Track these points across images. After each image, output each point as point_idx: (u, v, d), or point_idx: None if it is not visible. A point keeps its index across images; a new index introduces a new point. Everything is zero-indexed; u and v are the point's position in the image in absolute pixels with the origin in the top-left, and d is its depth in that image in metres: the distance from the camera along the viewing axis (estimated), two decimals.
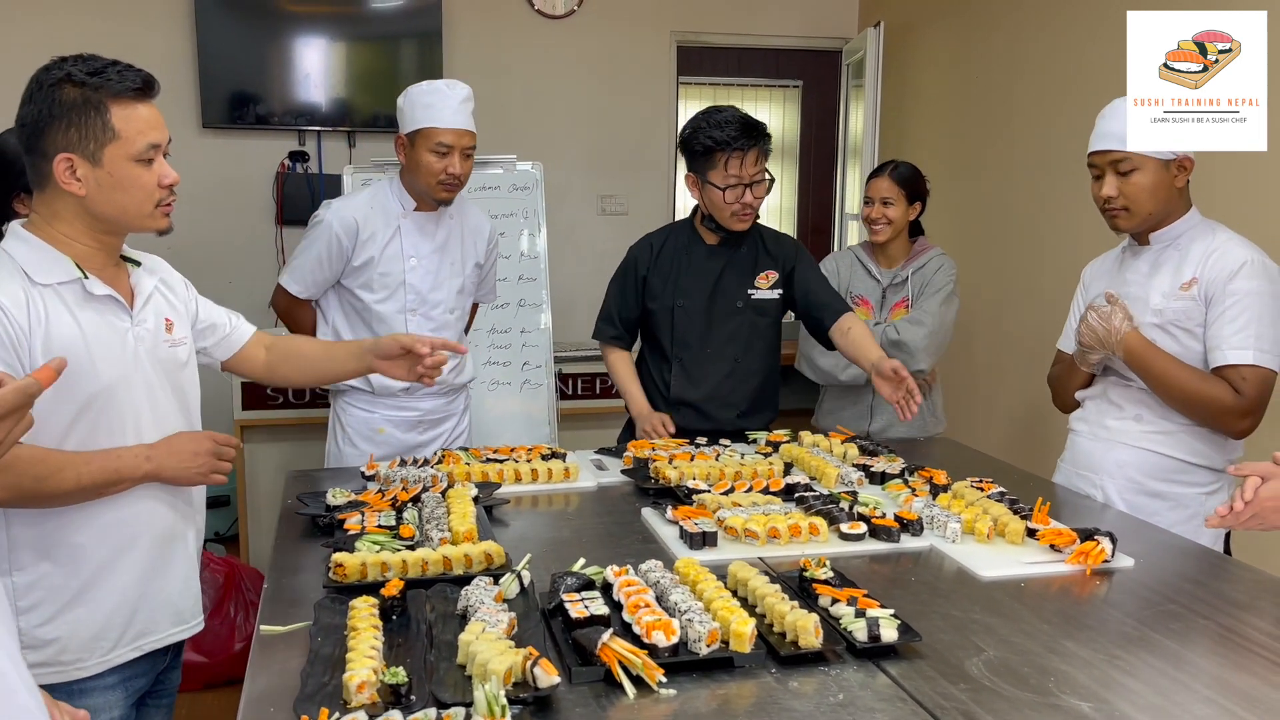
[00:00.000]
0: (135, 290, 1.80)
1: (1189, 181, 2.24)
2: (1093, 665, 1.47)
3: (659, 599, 1.57)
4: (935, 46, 4.94)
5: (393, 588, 1.58)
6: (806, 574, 1.69)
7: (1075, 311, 2.49)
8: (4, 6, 4.59)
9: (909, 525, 1.99)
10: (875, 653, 1.48)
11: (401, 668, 1.34)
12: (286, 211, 4.99)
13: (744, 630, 1.45)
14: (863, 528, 1.97)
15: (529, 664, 1.33)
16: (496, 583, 1.63)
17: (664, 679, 1.37)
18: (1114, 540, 1.87)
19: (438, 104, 2.64)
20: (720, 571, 1.69)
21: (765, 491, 2.20)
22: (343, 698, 1.30)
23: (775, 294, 2.80)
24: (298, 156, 4.98)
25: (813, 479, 2.33)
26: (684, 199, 5.90)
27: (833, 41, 5.74)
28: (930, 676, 1.43)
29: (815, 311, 2.77)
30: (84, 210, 1.68)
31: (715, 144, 2.61)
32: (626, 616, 1.51)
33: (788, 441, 2.60)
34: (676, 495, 2.21)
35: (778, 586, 1.61)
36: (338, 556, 1.72)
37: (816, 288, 2.79)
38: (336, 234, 2.70)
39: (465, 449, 2.52)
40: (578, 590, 1.60)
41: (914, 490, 2.19)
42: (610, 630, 1.43)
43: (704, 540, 1.90)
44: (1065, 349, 2.51)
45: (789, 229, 7.08)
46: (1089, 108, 2.33)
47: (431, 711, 1.25)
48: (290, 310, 2.86)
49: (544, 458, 2.43)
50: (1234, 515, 1.69)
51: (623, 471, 2.43)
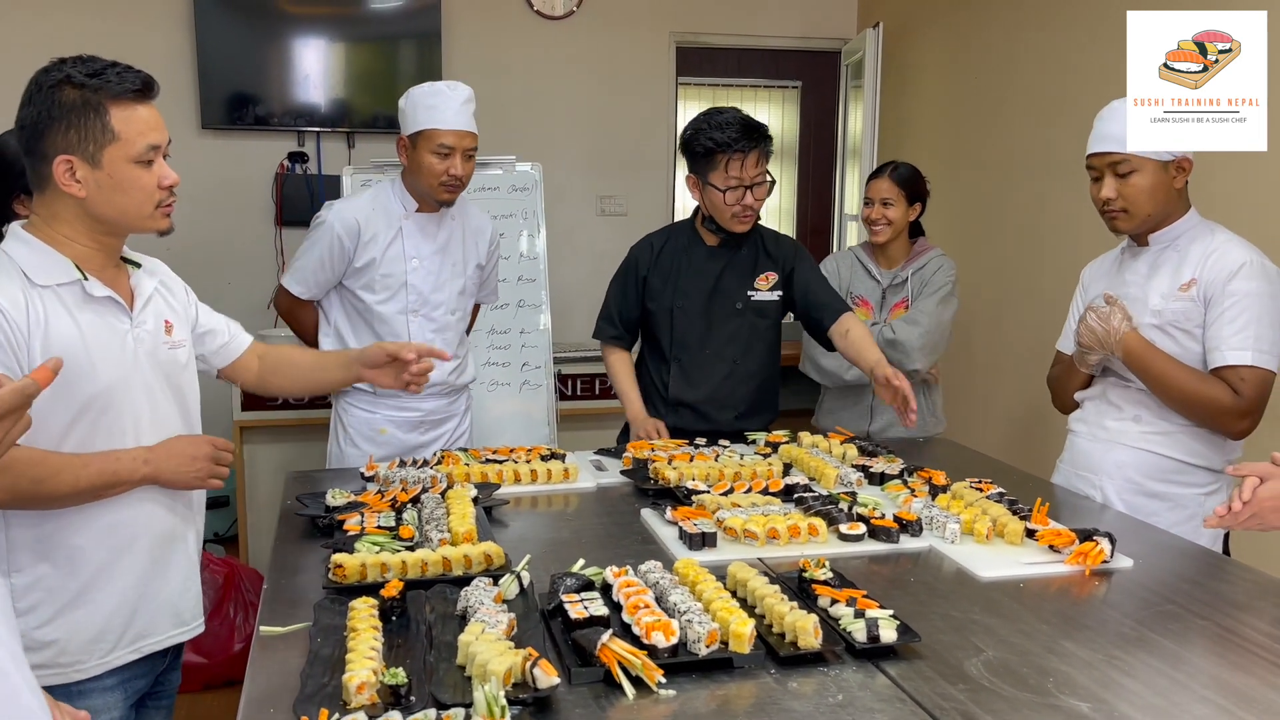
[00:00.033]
0: (135, 292, 1.80)
1: (1188, 183, 2.24)
2: (1092, 665, 1.47)
3: (658, 600, 1.57)
4: (934, 47, 4.95)
5: (392, 588, 1.59)
6: (806, 575, 1.69)
7: (1074, 312, 2.49)
8: (3, 6, 4.59)
9: (908, 526, 1.99)
10: (874, 653, 1.48)
11: (401, 668, 1.34)
12: (286, 212, 4.99)
13: (743, 631, 1.45)
14: (862, 528, 1.97)
15: (528, 665, 1.33)
16: (496, 583, 1.63)
17: (663, 679, 1.38)
18: (1113, 541, 1.87)
19: (439, 105, 2.64)
20: (719, 572, 1.70)
21: (764, 492, 2.20)
22: (342, 698, 1.30)
23: (775, 296, 2.80)
24: (297, 157, 4.97)
25: (812, 480, 2.33)
26: (683, 200, 5.90)
27: (831, 42, 5.74)
28: (929, 677, 1.43)
29: (814, 312, 2.77)
30: (84, 212, 1.68)
31: (716, 145, 2.60)
32: (626, 617, 1.51)
33: (787, 442, 2.60)
34: (676, 496, 2.21)
35: (777, 587, 1.61)
36: (337, 557, 1.72)
37: (816, 288, 2.79)
38: (338, 235, 2.70)
39: (464, 450, 2.53)
40: (577, 591, 1.60)
41: (913, 491, 2.19)
42: (610, 631, 1.43)
43: (703, 541, 1.90)
44: (1065, 350, 2.51)
45: (788, 230, 7.08)
46: (1088, 108, 2.33)
47: (431, 712, 1.25)
48: (292, 311, 2.87)
49: (543, 458, 2.44)
50: (1232, 515, 1.70)
51: (622, 472, 2.43)
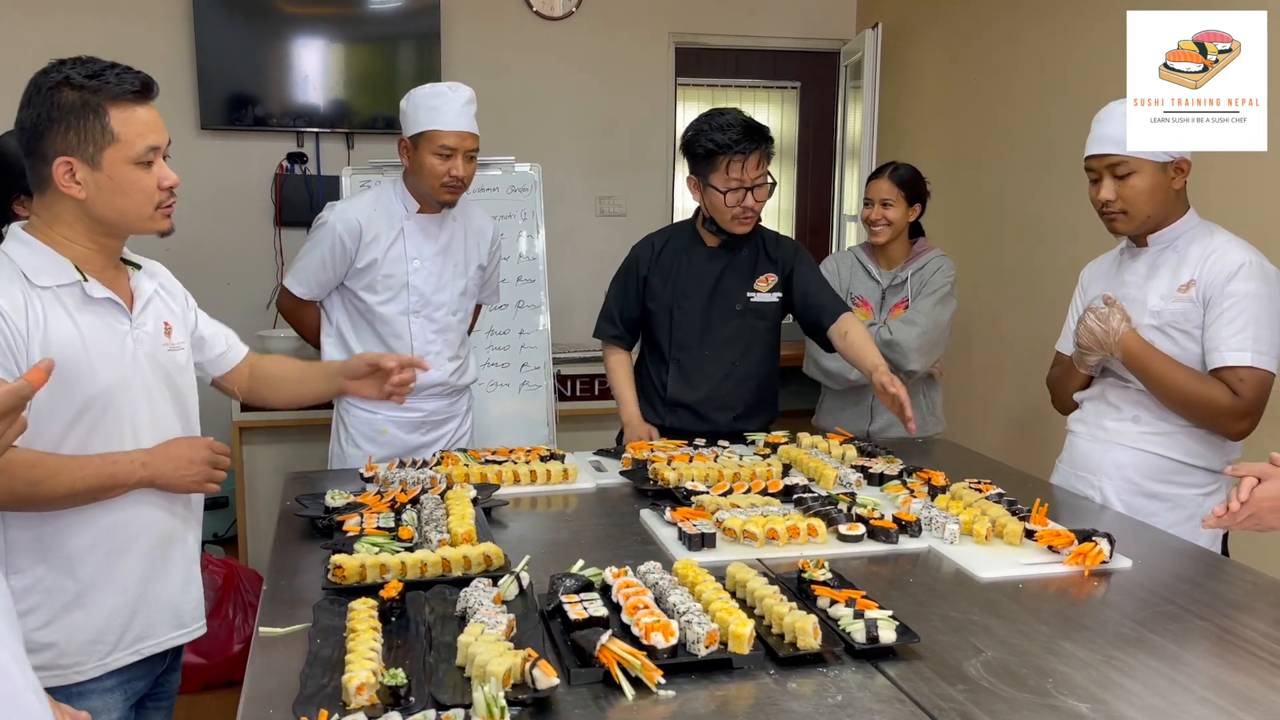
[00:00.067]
0: (135, 293, 1.80)
1: (1186, 183, 2.24)
2: (1090, 666, 1.47)
3: (658, 600, 1.57)
4: (933, 48, 4.95)
5: (392, 589, 1.59)
6: (805, 575, 1.69)
7: (1074, 313, 2.49)
8: (2, 7, 4.59)
9: (907, 526, 1.99)
10: (873, 654, 1.48)
11: (400, 669, 1.34)
12: (285, 213, 4.99)
13: (742, 631, 1.45)
14: (861, 529, 1.97)
15: (528, 665, 1.33)
16: (495, 584, 1.63)
17: (662, 680, 1.38)
18: (1112, 541, 1.87)
19: (441, 107, 2.65)
20: (719, 573, 1.70)
21: (764, 493, 2.20)
22: (342, 699, 1.30)
23: (774, 298, 2.79)
24: (296, 158, 4.97)
25: (811, 480, 2.33)
26: (682, 200, 5.90)
27: (831, 43, 5.74)
28: (928, 677, 1.43)
29: (812, 313, 2.76)
30: (84, 213, 1.68)
31: (717, 147, 2.60)
32: (625, 618, 1.51)
33: (786, 443, 2.61)
34: (675, 497, 2.21)
35: (776, 588, 1.61)
36: (337, 558, 1.72)
37: (815, 289, 2.78)
38: (340, 235, 2.71)
39: (464, 450, 2.53)
40: (576, 592, 1.60)
41: (912, 491, 2.19)
42: (609, 632, 1.43)
43: (702, 542, 1.91)
44: (1064, 350, 2.51)
45: (787, 230, 7.09)
46: (1087, 108, 2.33)
47: (430, 713, 1.25)
48: (295, 312, 2.88)
49: (542, 459, 2.44)
50: (1230, 515, 1.70)
51: (621, 473, 2.43)
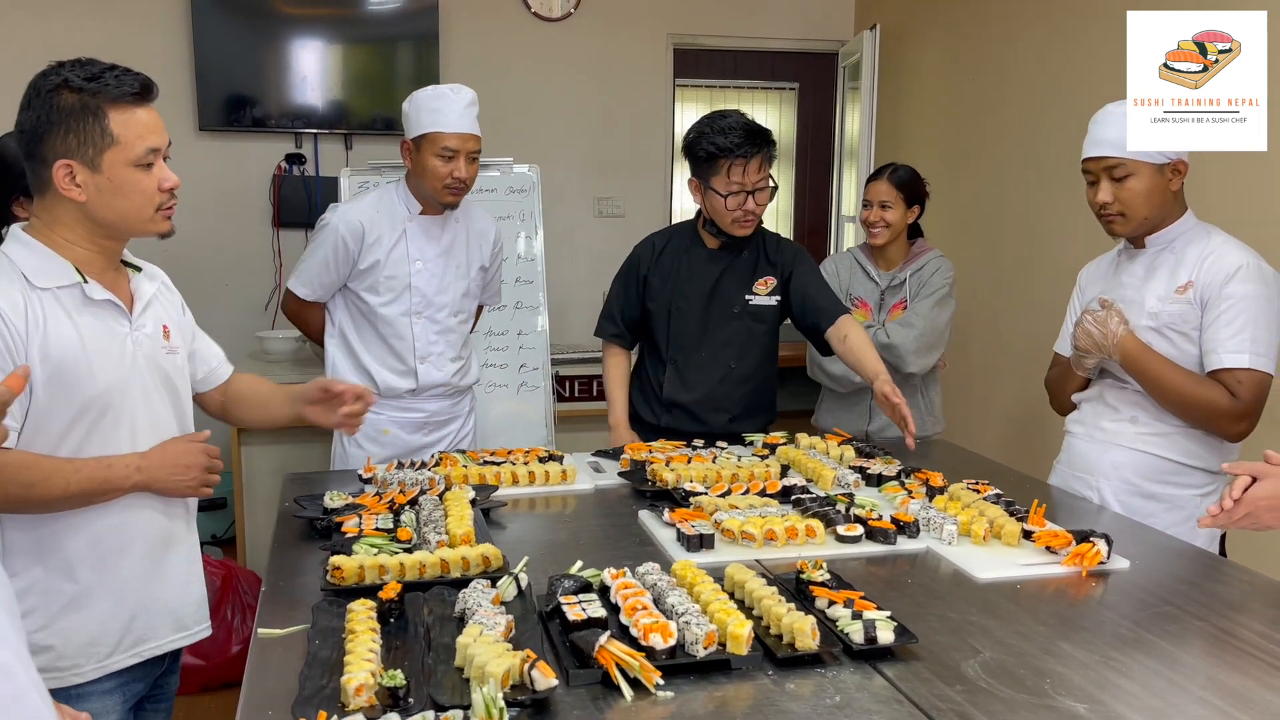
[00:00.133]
0: (135, 295, 1.80)
1: (1184, 185, 2.25)
2: (1088, 666, 1.48)
3: (656, 601, 1.57)
4: (931, 49, 4.95)
5: (390, 590, 1.59)
6: (803, 576, 1.69)
7: (1072, 314, 2.49)
8: (1, 7, 4.59)
9: (905, 527, 1.99)
10: (872, 654, 1.48)
11: (399, 670, 1.34)
12: (283, 214, 4.99)
13: (741, 632, 1.45)
14: (859, 530, 1.98)
15: (526, 666, 1.33)
16: (494, 585, 1.63)
17: (661, 681, 1.38)
18: (1109, 542, 1.87)
19: (443, 109, 2.66)
20: (717, 574, 1.70)
21: (762, 494, 2.20)
22: (340, 700, 1.30)
23: (773, 301, 2.79)
24: (295, 159, 4.97)
25: (809, 481, 2.34)
26: (681, 201, 5.90)
27: (829, 44, 5.75)
28: (926, 678, 1.43)
29: (811, 316, 2.76)
30: (84, 216, 1.68)
31: (718, 150, 2.60)
32: (624, 619, 1.51)
33: (785, 444, 2.61)
34: (673, 498, 2.21)
35: (775, 589, 1.61)
36: (335, 559, 1.72)
37: (814, 292, 2.77)
38: (342, 237, 2.72)
39: (462, 452, 2.53)
40: (575, 593, 1.60)
41: (910, 492, 2.19)
42: (607, 633, 1.43)
43: (701, 542, 1.91)
44: (1062, 352, 2.51)
45: (786, 231, 7.08)
46: (1085, 109, 2.33)
47: (430, 714, 1.25)
48: (300, 313, 2.89)
49: (541, 460, 2.44)
50: (1226, 515, 1.70)
51: (620, 474, 2.43)
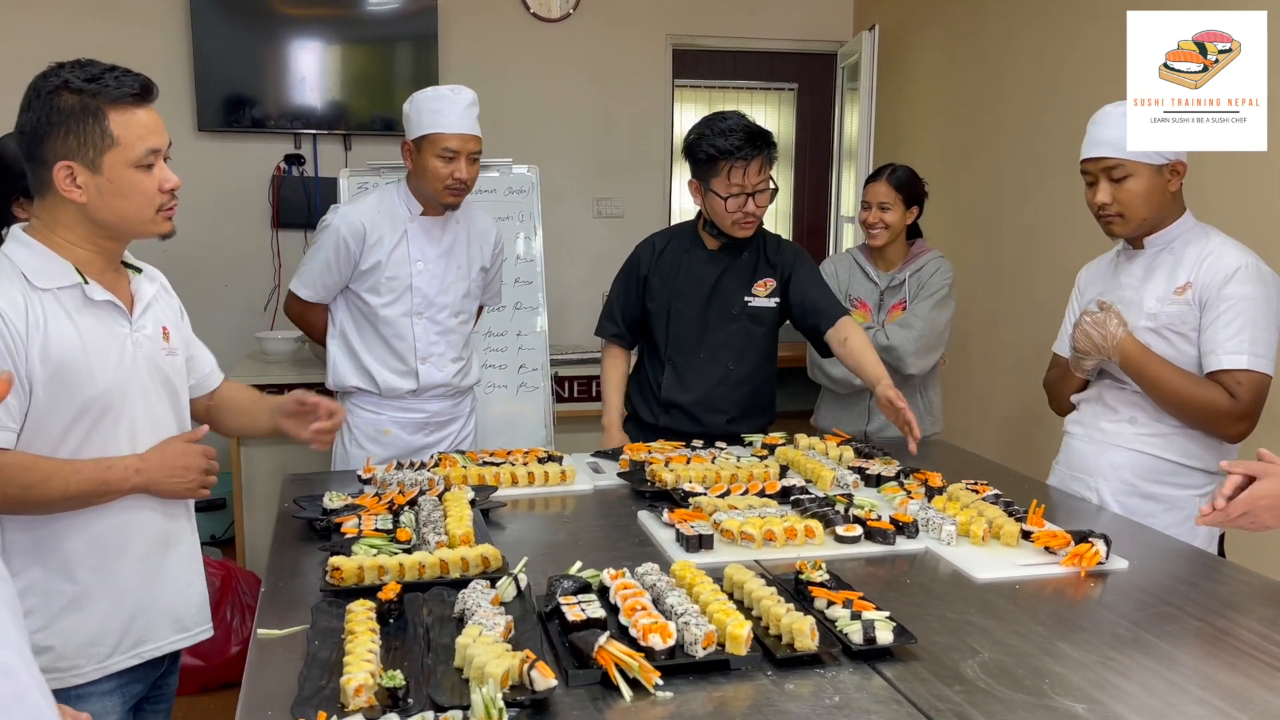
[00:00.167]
0: (135, 297, 1.80)
1: (1182, 186, 2.25)
2: (1087, 667, 1.48)
3: (655, 602, 1.57)
4: (930, 49, 4.96)
5: (390, 591, 1.59)
6: (802, 576, 1.70)
7: (1070, 315, 2.50)
8: (0, 8, 4.59)
9: (904, 528, 2.00)
10: (871, 655, 1.48)
11: (399, 671, 1.34)
12: (282, 215, 4.99)
13: (740, 633, 1.45)
14: (858, 530, 1.98)
15: (526, 667, 1.33)
16: (493, 586, 1.63)
17: (660, 681, 1.38)
18: (1108, 542, 1.88)
19: (444, 110, 2.66)
20: (716, 574, 1.70)
21: (761, 494, 2.20)
22: (340, 701, 1.30)
23: (772, 303, 2.79)
24: (294, 160, 4.98)
25: (808, 482, 2.34)
26: (680, 202, 5.91)
27: (828, 44, 5.75)
28: (925, 678, 1.43)
29: (810, 318, 2.75)
30: (85, 217, 1.68)
31: (719, 153, 2.59)
32: (623, 619, 1.52)
33: (784, 444, 2.61)
34: (673, 498, 2.21)
35: (774, 589, 1.61)
36: (335, 560, 1.72)
37: (814, 294, 2.77)
38: (344, 238, 2.72)
39: (461, 452, 2.53)
40: (574, 593, 1.60)
41: (909, 493, 2.19)
42: (607, 633, 1.43)
43: (700, 543, 1.91)
44: (1061, 353, 2.51)
45: (785, 232, 7.09)
46: (1084, 110, 2.33)
47: (429, 715, 1.25)
48: (304, 315, 2.90)
49: (540, 461, 2.44)
50: (1223, 513, 1.69)
51: (619, 474, 2.43)
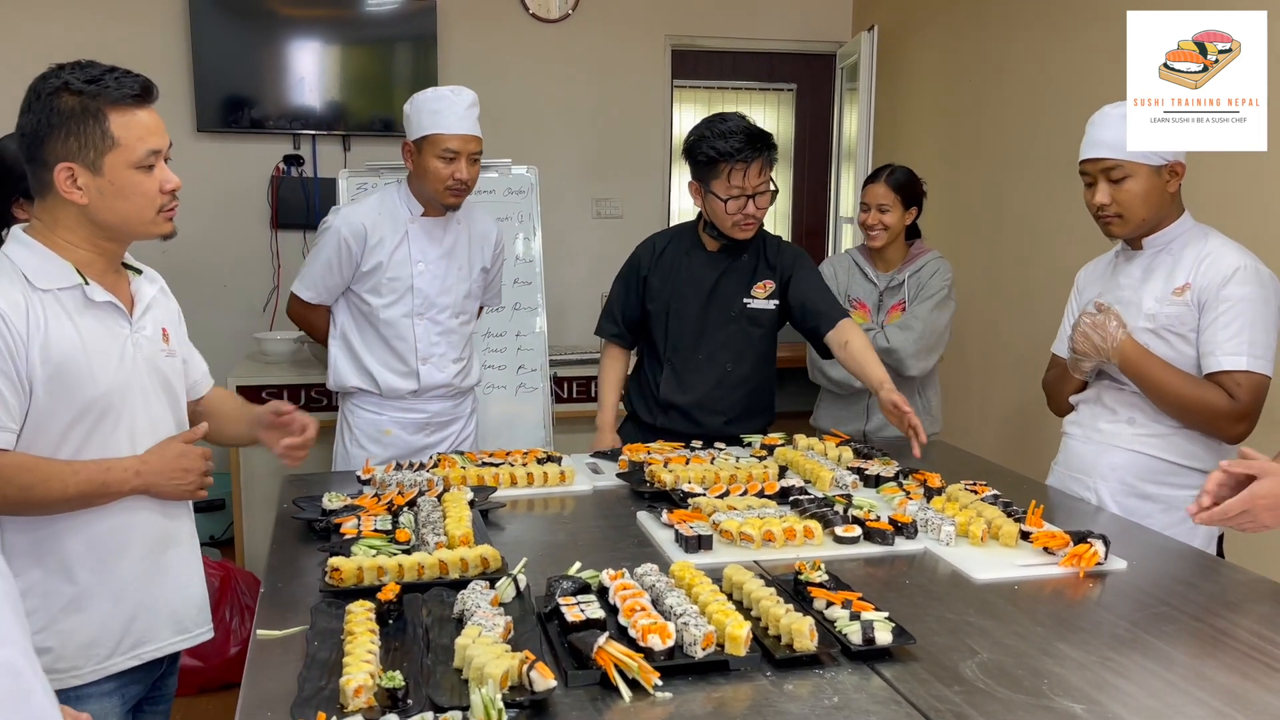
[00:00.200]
0: (135, 298, 1.80)
1: (1181, 186, 2.25)
2: (1085, 667, 1.48)
3: (655, 602, 1.57)
4: (929, 50, 4.96)
5: (389, 592, 1.59)
6: (801, 577, 1.70)
7: (1069, 315, 2.50)
8: (0, 9, 4.59)
9: (903, 528, 2.00)
10: (870, 655, 1.49)
11: (398, 672, 1.34)
12: (281, 216, 4.99)
13: (739, 633, 1.45)
14: (857, 531, 1.98)
15: (525, 668, 1.33)
16: (493, 586, 1.64)
17: (660, 682, 1.38)
18: (1107, 543, 1.88)
19: (444, 110, 2.67)
20: (716, 575, 1.70)
21: (760, 495, 2.20)
22: (339, 702, 1.30)
23: (771, 304, 2.78)
24: (293, 160, 4.97)
25: (807, 482, 2.34)
26: (679, 202, 5.91)
27: (827, 45, 5.75)
28: (924, 679, 1.43)
29: (810, 320, 2.75)
30: (86, 218, 1.68)
31: (719, 155, 2.59)
32: (622, 620, 1.52)
33: (783, 445, 2.61)
34: (672, 499, 2.21)
35: (773, 590, 1.61)
36: (334, 561, 1.72)
37: (814, 296, 2.76)
38: (345, 239, 2.73)
39: (460, 453, 2.53)
40: (574, 594, 1.60)
41: (908, 493, 2.19)
42: (606, 634, 1.43)
43: (699, 544, 1.91)
44: (1059, 354, 2.51)
45: (784, 232, 7.09)
46: (1082, 110, 2.33)
47: (428, 715, 1.25)
48: (306, 316, 2.90)
49: (539, 461, 2.44)
50: (1222, 512, 1.69)
51: (618, 475, 2.44)
